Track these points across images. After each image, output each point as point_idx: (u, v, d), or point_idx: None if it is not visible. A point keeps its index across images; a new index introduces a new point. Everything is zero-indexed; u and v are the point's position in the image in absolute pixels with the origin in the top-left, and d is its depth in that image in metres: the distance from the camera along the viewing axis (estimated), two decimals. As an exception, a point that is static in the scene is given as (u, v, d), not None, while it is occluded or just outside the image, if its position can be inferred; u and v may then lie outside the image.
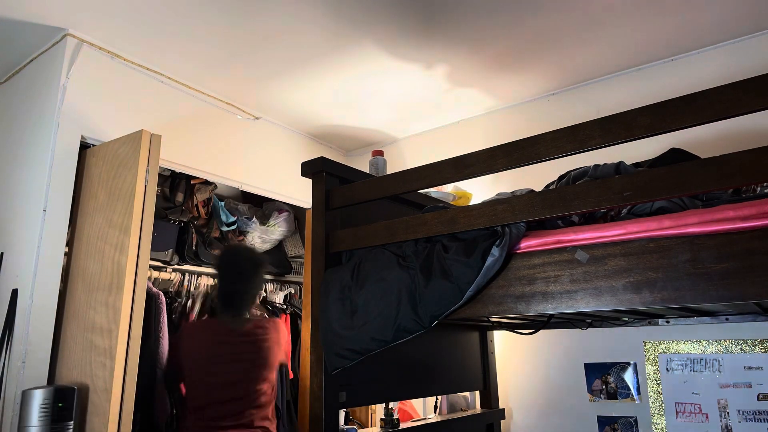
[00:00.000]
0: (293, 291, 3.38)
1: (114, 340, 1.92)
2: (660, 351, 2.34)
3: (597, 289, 1.21)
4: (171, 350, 2.31)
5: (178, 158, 2.64)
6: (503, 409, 2.66)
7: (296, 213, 3.42)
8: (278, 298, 3.25)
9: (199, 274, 2.88)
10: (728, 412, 2.14)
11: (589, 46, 2.51)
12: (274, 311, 3.10)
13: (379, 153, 2.51)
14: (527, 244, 1.33)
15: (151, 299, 2.35)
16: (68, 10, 2.20)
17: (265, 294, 3.20)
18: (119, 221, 2.07)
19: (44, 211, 2.15)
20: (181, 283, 2.78)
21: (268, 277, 3.26)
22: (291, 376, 2.93)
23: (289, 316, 3.17)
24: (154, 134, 2.15)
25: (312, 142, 3.54)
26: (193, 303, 2.69)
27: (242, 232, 3.18)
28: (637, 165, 1.61)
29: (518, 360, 2.77)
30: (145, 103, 2.60)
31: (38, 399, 1.85)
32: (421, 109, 3.15)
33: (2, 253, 2.34)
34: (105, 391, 1.89)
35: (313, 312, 1.70)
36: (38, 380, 2.03)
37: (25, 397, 1.87)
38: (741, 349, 2.17)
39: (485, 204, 1.43)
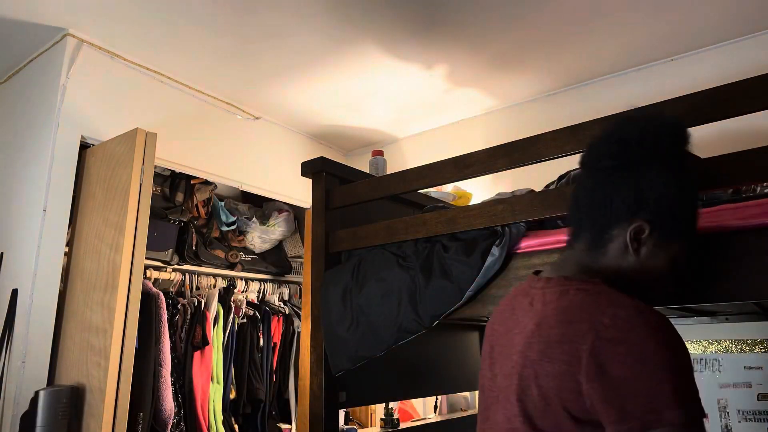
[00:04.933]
0: (292, 291, 3.38)
1: (108, 340, 1.92)
2: (660, 351, 2.33)
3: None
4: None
5: (178, 158, 2.64)
6: (503, 409, 2.65)
7: (296, 213, 3.42)
8: (276, 297, 3.25)
9: (200, 274, 2.88)
10: (728, 412, 2.14)
11: (589, 46, 2.51)
12: (272, 311, 3.10)
13: (379, 153, 2.51)
14: (527, 244, 1.33)
15: (151, 299, 2.35)
16: (68, 10, 2.20)
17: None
18: (115, 220, 2.07)
19: (44, 211, 2.15)
20: (182, 283, 2.78)
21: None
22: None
23: (283, 316, 3.17)
24: (149, 132, 2.15)
25: (312, 142, 3.54)
26: (207, 304, 2.68)
27: (242, 232, 3.18)
28: (637, 165, 1.60)
29: (518, 360, 2.76)
30: (145, 103, 2.60)
31: (53, 398, 1.87)
32: (421, 109, 3.15)
33: (2, 253, 2.34)
34: (99, 392, 1.89)
35: (313, 312, 1.70)
36: (38, 380, 2.03)
37: (44, 396, 1.87)
38: (741, 349, 2.17)
39: (485, 204, 1.43)
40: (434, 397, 2.71)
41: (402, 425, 2.24)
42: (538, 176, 2.07)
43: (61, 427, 1.86)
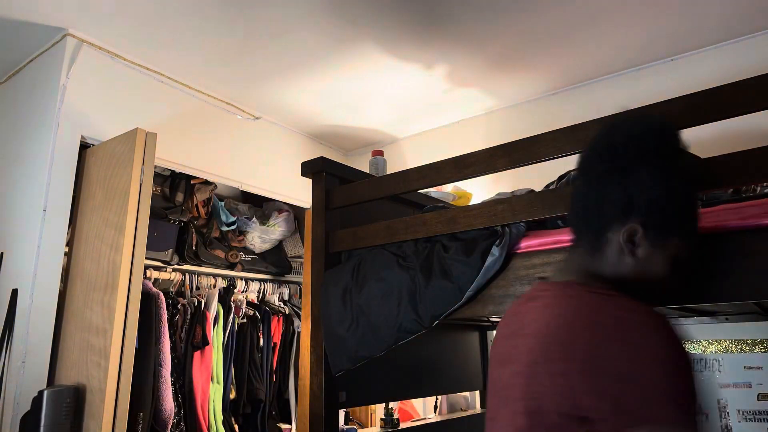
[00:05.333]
0: (292, 291, 3.38)
1: (108, 340, 1.92)
2: (660, 351, 2.33)
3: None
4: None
5: (178, 158, 2.64)
6: (503, 409, 2.65)
7: (296, 213, 3.42)
8: (276, 297, 3.25)
9: (200, 274, 2.88)
10: (728, 412, 2.14)
11: (589, 46, 2.51)
12: (272, 311, 3.10)
13: (379, 153, 2.51)
14: (527, 244, 1.33)
15: (151, 299, 2.35)
16: (68, 10, 2.20)
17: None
18: (115, 220, 2.07)
19: (44, 211, 2.15)
20: (182, 283, 2.78)
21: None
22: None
23: (283, 316, 3.17)
24: (150, 132, 2.15)
25: (312, 142, 3.54)
26: (207, 304, 2.68)
27: (242, 232, 3.18)
28: (637, 165, 1.60)
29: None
30: (145, 103, 2.60)
31: (60, 398, 1.87)
32: (421, 109, 3.15)
33: (2, 253, 2.34)
34: (100, 392, 1.89)
35: (313, 312, 1.70)
36: (38, 380, 2.03)
37: (48, 396, 1.87)
38: (741, 349, 2.17)
39: (485, 204, 1.43)
40: (434, 397, 2.71)
41: (402, 425, 2.24)
42: (538, 176, 2.07)
43: (65, 427, 1.86)
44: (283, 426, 2.95)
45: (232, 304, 2.83)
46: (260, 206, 3.45)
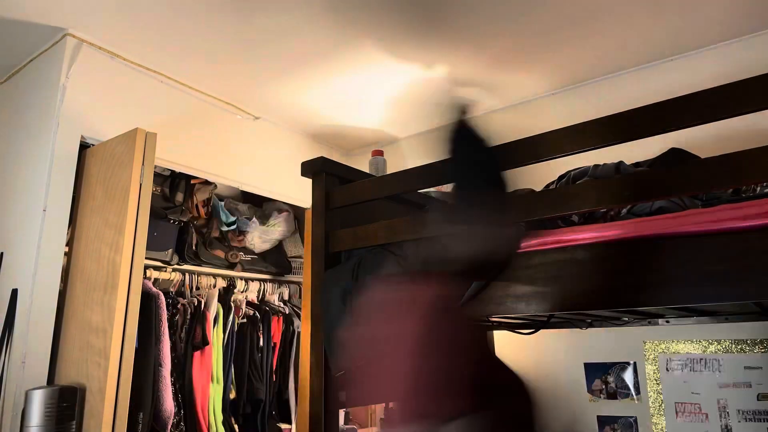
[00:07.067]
0: (292, 291, 3.38)
1: (108, 340, 1.92)
2: (660, 351, 2.34)
3: (597, 289, 1.21)
4: None
5: (178, 158, 2.64)
6: (503, 409, 2.66)
7: (296, 213, 3.42)
8: (276, 297, 3.25)
9: (200, 274, 2.88)
10: (728, 412, 2.14)
11: (590, 46, 2.51)
12: (272, 311, 3.10)
13: (379, 153, 2.51)
14: (527, 244, 1.33)
15: (151, 299, 2.36)
16: (68, 10, 2.20)
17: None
18: (114, 220, 2.07)
19: (44, 211, 2.15)
20: (182, 283, 2.78)
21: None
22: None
23: (283, 316, 3.17)
24: (149, 132, 2.15)
25: (312, 142, 3.54)
26: (207, 304, 2.68)
27: (242, 232, 3.18)
28: (637, 165, 1.61)
29: (518, 360, 2.76)
30: (145, 102, 2.60)
31: (43, 399, 1.85)
32: (421, 108, 3.15)
33: (2, 253, 2.34)
34: (99, 392, 1.89)
35: (313, 312, 1.70)
36: (38, 380, 2.03)
37: (29, 397, 1.87)
38: (741, 349, 2.17)
39: (485, 204, 1.43)
40: (434, 397, 2.71)
41: (402, 425, 2.24)
42: (538, 176, 2.07)
43: (50, 428, 1.84)
44: (283, 426, 2.95)
45: (232, 304, 2.83)
46: (260, 206, 3.45)
